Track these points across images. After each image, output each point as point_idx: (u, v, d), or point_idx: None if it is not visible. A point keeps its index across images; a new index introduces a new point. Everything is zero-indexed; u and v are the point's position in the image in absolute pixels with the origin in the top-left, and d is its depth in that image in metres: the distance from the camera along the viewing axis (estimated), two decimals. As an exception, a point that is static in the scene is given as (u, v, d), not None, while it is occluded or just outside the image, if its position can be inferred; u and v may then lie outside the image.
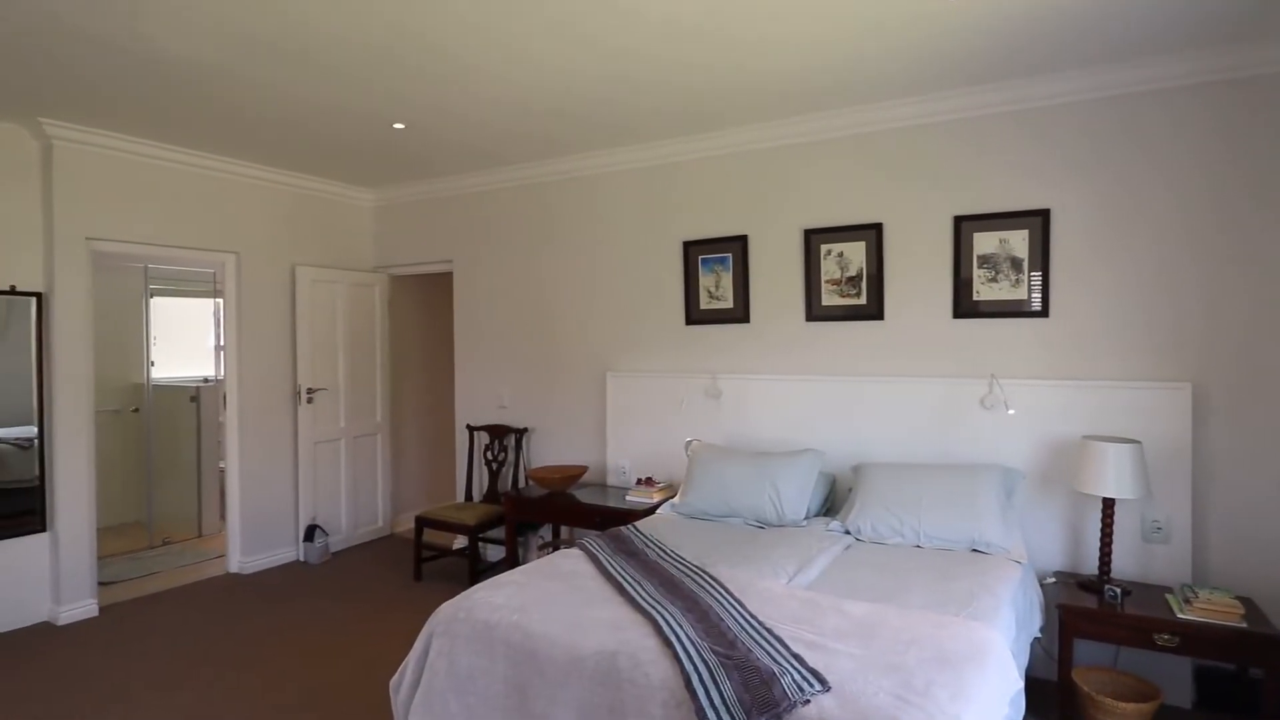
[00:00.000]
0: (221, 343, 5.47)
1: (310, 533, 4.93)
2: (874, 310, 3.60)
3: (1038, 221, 3.23)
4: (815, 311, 3.76)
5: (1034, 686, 2.71)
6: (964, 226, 3.38)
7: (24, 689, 3.12)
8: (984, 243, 3.34)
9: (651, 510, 3.65)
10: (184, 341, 6.47)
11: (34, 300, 3.86)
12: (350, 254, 5.43)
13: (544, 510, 3.99)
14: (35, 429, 3.88)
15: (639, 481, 3.94)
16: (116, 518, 5.64)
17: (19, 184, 3.83)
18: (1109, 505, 2.81)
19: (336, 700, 2.99)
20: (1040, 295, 3.23)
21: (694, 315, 4.14)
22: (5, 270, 3.78)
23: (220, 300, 5.17)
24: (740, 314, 3.99)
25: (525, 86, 3.30)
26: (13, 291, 3.80)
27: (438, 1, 2.49)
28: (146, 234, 4.25)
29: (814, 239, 3.75)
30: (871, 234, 3.60)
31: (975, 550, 2.85)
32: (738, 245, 3.99)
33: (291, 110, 3.62)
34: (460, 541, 4.97)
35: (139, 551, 5.14)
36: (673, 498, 3.76)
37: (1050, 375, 3.20)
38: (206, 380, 6.06)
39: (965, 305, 3.39)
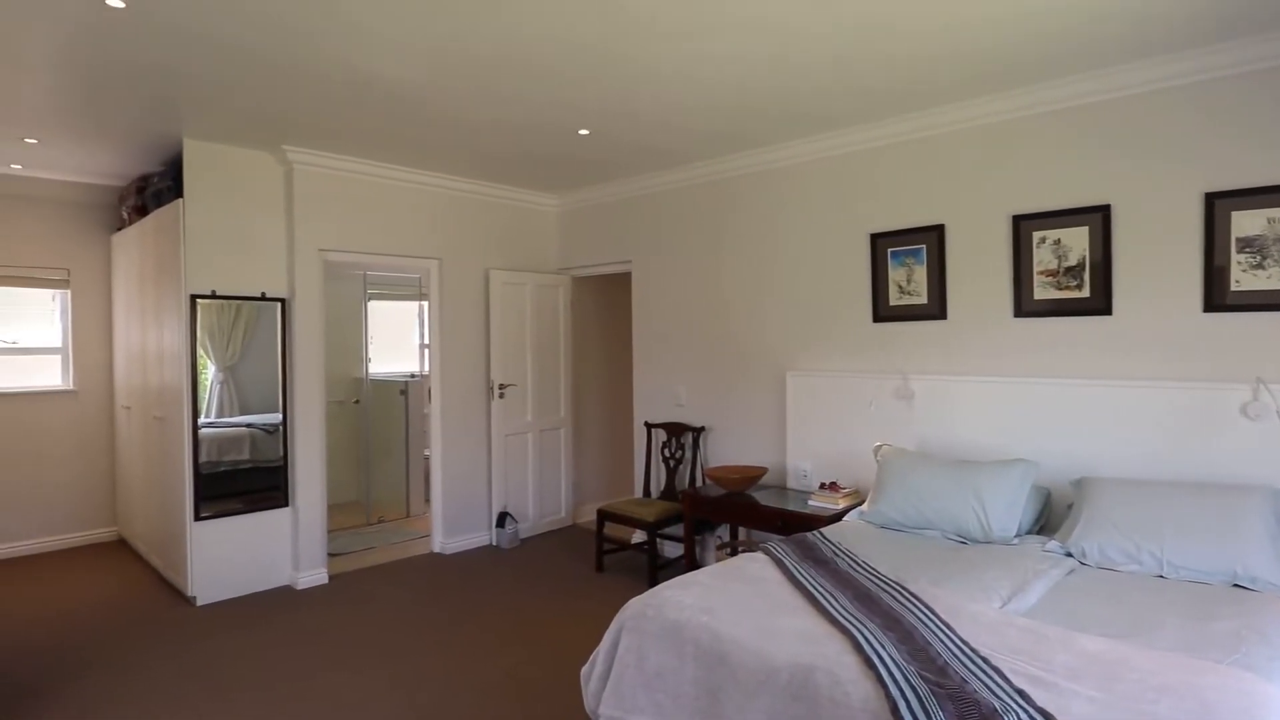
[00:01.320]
0: (426, 341, 5.99)
1: (502, 519, 5.25)
2: (1099, 304, 3.18)
3: (1322, 195, 2.69)
4: (1025, 306, 3.40)
5: (1319, 755, 2.25)
6: (1218, 205, 2.89)
7: (271, 641, 3.59)
8: (1246, 223, 2.83)
9: (837, 517, 3.49)
10: (394, 340, 7.16)
11: (279, 305, 4.44)
12: (536, 257, 5.71)
13: (723, 510, 3.95)
14: (280, 416, 4.45)
15: (822, 486, 3.78)
16: (340, 497, 6.35)
17: (268, 204, 4.41)
18: None
19: (531, 681, 3.14)
20: (1325, 283, 2.68)
21: (882, 312, 3.90)
22: (258, 279, 4.37)
23: (424, 303, 5.66)
24: (935, 310, 3.70)
25: (705, 83, 3.27)
26: (263, 298, 4.38)
27: (622, 12, 2.52)
28: (365, 244, 4.74)
29: (1024, 226, 3.39)
30: (1096, 217, 3.18)
31: (1238, 585, 2.42)
32: (932, 235, 3.70)
33: (486, 125, 3.85)
34: (639, 536, 5.06)
35: (358, 528, 5.76)
36: (860, 504, 3.57)
37: (1339, 380, 2.65)
38: (413, 376, 6.66)
39: (1219, 297, 2.90)
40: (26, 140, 4.13)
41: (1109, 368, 3.17)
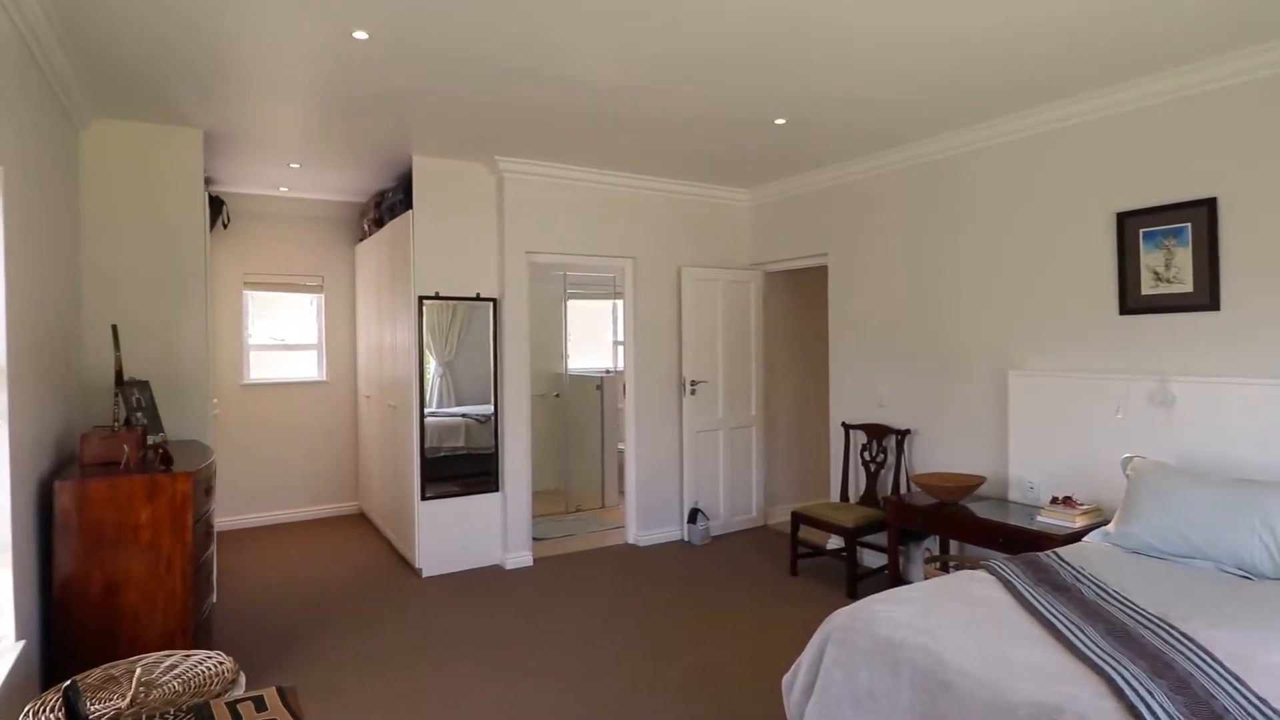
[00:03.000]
0: (620, 338, 6.16)
1: (693, 515, 5.27)
2: None
3: None
4: (1334, 293, 2.77)
5: None
6: None
7: (486, 617, 3.86)
8: None
9: (1074, 537, 3.07)
10: (590, 338, 7.47)
11: (491, 305, 4.77)
12: (728, 253, 5.66)
13: (933, 521, 3.64)
14: (491, 408, 4.79)
15: (1054, 500, 3.35)
16: (541, 485, 6.73)
17: (483, 212, 4.76)
18: None
19: (727, 681, 3.09)
20: None
21: (1131, 302, 3.38)
22: (474, 281, 4.73)
23: (618, 301, 5.82)
24: (1204, 299, 3.13)
25: (921, 50, 3.01)
26: (477, 298, 4.74)
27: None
28: (567, 245, 4.96)
29: (1333, 194, 2.76)
30: None
31: None
32: (1200, 211, 3.14)
33: (681, 123, 3.86)
34: (835, 542, 4.84)
35: (558, 515, 6.07)
36: (1101, 524, 3.12)
37: None
38: (608, 372, 6.89)
39: None
40: (291, 165, 4.80)
41: None
